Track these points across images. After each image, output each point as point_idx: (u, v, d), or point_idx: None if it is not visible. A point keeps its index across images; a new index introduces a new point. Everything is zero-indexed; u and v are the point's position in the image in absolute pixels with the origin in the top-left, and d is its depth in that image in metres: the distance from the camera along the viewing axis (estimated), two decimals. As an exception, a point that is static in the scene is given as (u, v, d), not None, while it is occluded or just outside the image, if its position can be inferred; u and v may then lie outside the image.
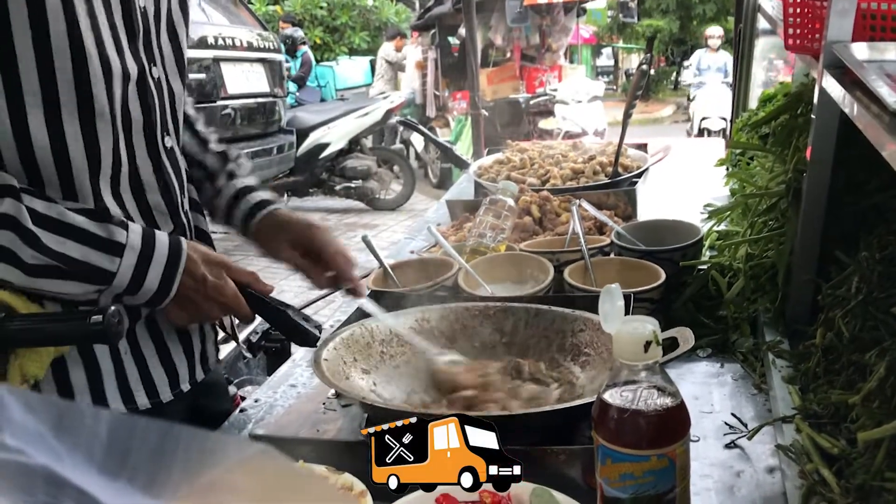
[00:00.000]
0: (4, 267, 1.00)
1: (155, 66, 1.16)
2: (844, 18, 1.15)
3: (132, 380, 1.18)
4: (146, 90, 1.13)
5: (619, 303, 0.86)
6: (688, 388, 1.31)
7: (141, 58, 1.12)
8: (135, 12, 1.10)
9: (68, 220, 1.03)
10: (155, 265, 1.08)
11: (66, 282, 1.03)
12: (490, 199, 1.85)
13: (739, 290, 1.52)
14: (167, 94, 1.20)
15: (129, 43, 1.10)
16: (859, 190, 1.35)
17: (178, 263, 1.10)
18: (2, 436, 0.34)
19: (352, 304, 1.60)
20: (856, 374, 1.08)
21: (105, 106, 1.06)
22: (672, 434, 0.82)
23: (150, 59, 1.14)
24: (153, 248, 1.09)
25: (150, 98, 1.14)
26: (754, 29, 2.83)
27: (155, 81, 1.15)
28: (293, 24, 12.28)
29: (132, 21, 1.10)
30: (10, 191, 0.99)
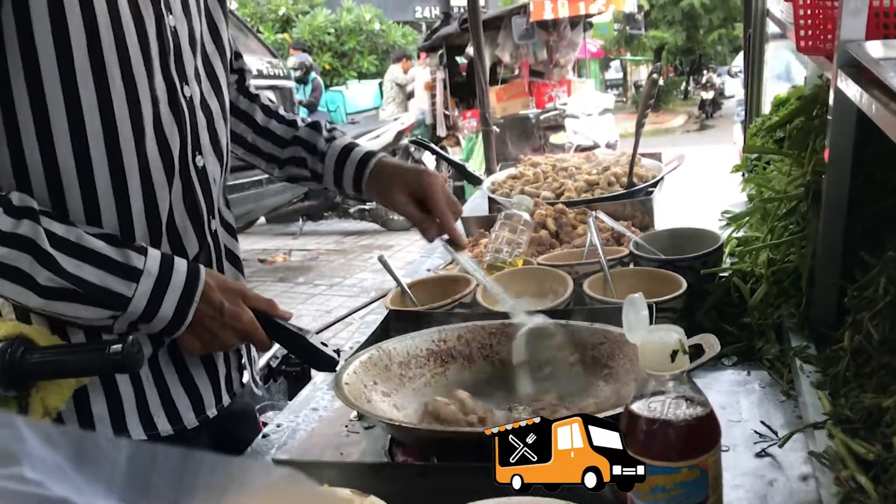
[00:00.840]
0: (19, 289, 1.00)
1: (187, 84, 1.17)
2: (857, 17, 1.14)
3: (153, 406, 1.18)
4: (178, 109, 1.14)
5: (643, 312, 0.84)
6: (715, 397, 1.28)
7: (172, 76, 1.13)
8: (164, 31, 1.11)
9: (86, 243, 1.03)
10: (171, 292, 1.08)
11: (82, 305, 1.03)
12: (505, 214, 1.84)
13: (763, 296, 1.50)
14: (201, 113, 1.21)
15: (161, 62, 1.11)
16: (881, 189, 1.33)
17: (194, 290, 1.09)
18: (21, 469, 0.33)
19: (371, 325, 1.60)
20: (888, 376, 1.05)
21: (128, 127, 1.08)
22: (703, 444, 0.80)
23: (181, 78, 1.15)
24: (170, 275, 1.08)
25: (181, 117, 1.15)
26: (764, 34, 2.82)
27: (187, 100, 1.16)
28: (302, 50, 12.37)
29: (162, 40, 1.11)
30: (30, 213, 1.00)
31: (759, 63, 2.87)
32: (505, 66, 10.74)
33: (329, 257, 8.04)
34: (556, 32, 10.55)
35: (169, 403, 1.20)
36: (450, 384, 1.31)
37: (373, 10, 17.16)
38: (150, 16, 1.09)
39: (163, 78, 1.12)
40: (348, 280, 7.13)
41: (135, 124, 1.09)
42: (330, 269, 7.56)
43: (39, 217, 1.01)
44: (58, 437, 0.34)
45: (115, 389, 1.14)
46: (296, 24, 16.43)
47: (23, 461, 0.33)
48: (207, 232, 1.24)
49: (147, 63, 1.09)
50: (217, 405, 1.28)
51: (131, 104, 1.08)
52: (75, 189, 1.07)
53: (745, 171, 2.38)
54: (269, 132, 1.47)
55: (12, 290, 1.01)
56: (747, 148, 2.26)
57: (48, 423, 0.34)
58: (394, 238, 8.53)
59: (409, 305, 1.62)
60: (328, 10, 16.68)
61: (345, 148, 1.43)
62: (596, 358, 1.27)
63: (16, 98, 1.02)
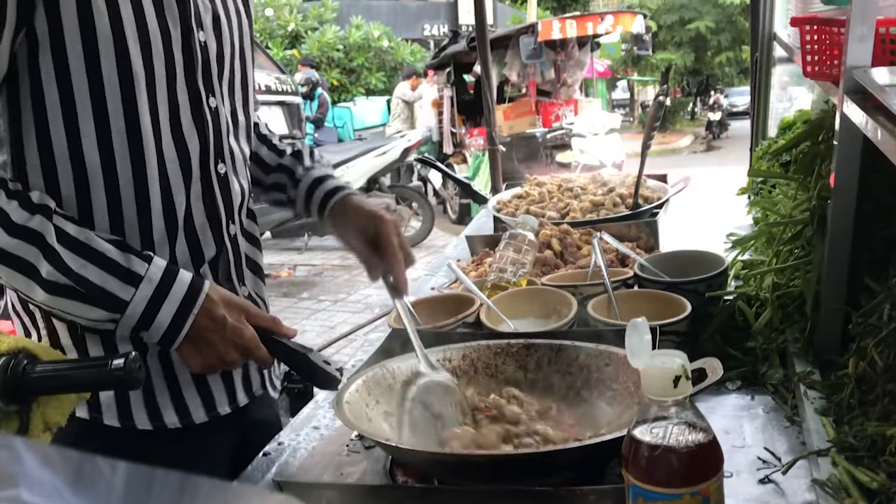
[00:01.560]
0: (25, 280, 1.06)
1: (213, 96, 1.22)
2: (863, 44, 1.14)
3: (160, 397, 1.23)
4: (202, 117, 1.20)
5: (646, 337, 0.84)
6: (718, 422, 1.28)
7: (198, 86, 1.19)
8: (194, 45, 1.18)
9: (94, 244, 1.08)
10: (170, 301, 1.10)
11: (83, 304, 1.07)
12: (510, 233, 1.84)
13: (767, 321, 1.50)
14: (226, 124, 1.26)
15: (186, 73, 1.17)
16: (887, 215, 1.33)
17: (194, 302, 1.11)
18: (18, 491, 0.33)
19: (374, 343, 1.59)
20: (892, 404, 1.05)
21: (150, 131, 1.14)
22: (705, 471, 0.80)
23: (207, 89, 1.21)
24: (171, 284, 1.10)
25: (204, 125, 1.21)
26: (771, 58, 2.83)
27: (211, 110, 1.22)
28: (310, 66, 12.44)
29: (190, 52, 1.17)
30: (44, 210, 1.06)
31: (766, 86, 2.88)
32: (512, 84, 10.79)
33: (334, 273, 8.05)
34: (563, 52, 10.60)
35: (178, 396, 1.24)
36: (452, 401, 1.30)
37: (381, 28, 17.29)
38: (177, 29, 1.15)
39: (186, 87, 1.18)
40: (353, 296, 7.13)
41: (154, 127, 1.15)
42: (335, 285, 7.56)
43: (53, 215, 1.07)
44: (56, 458, 0.33)
45: None
46: (305, 40, 16.55)
47: (20, 483, 0.33)
48: (226, 235, 1.28)
49: (170, 71, 1.15)
50: (231, 404, 1.31)
51: (152, 108, 1.14)
52: (100, 185, 1.13)
53: (751, 193, 2.38)
54: (259, 158, 1.50)
55: (19, 282, 1.06)
56: (753, 171, 2.26)
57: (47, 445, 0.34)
58: (399, 254, 8.52)
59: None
60: (337, 27, 16.80)
61: (317, 179, 1.46)
62: (600, 380, 1.27)
63: (46, 98, 1.09)
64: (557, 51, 10.57)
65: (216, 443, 1.33)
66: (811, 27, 1.38)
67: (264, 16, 16.49)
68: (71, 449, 0.34)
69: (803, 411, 1.23)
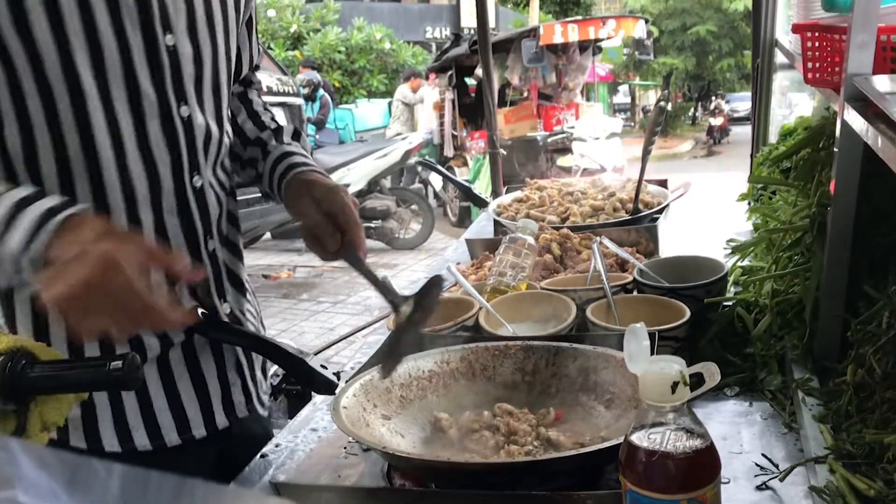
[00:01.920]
0: None
1: (185, 104, 1.15)
2: (864, 51, 1.14)
3: (131, 418, 1.17)
4: (172, 129, 1.14)
5: (644, 343, 0.84)
6: (716, 428, 1.28)
7: (167, 95, 1.12)
8: (161, 50, 1.10)
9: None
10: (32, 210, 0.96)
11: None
12: (510, 237, 1.84)
13: (766, 327, 1.50)
14: (203, 133, 1.20)
15: (153, 80, 1.10)
16: (887, 222, 1.33)
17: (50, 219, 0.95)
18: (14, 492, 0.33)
19: (373, 346, 1.59)
20: (890, 412, 1.05)
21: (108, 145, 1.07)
22: (702, 477, 0.79)
23: (179, 98, 1.14)
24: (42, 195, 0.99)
25: (175, 136, 1.14)
26: (772, 64, 2.83)
27: (184, 120, 1.15)
28: (312, 68, 12.45)
29: (156, 58, 1.10)
30: None
31: (767, 92, 2.88)
32: (514, 88, 10.80)
33: (333, 274, 8.04)
34: (565, 56, 10.61)
35: (149, 416, 1.19)
36: (451, 405, 1.30)
37: (383, 30, 17.31)
38: (137, 34, 1.08)
39: (156, 95, 1.11)
40: (352, 298, 7.13)
41: (115, 141, 1.08)
42: (334, 287, 7.56)
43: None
44: (52, 460, 0.34)
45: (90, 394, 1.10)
46: (307, 41, 16.56)
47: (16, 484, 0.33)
48: (204, 252, 1.23)
49: (130, 81, 1.08)
50: (208, 426, 1.26)
51: (110, 121, 1.07)
52: None
53: (752, 199, 2.38)
54: (242, 133, 1.42)
55: None
56: (753, 178, 2.26)
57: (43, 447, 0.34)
58: (399, 257, 8.53)
59: (411, 327, 1.61)
60: (339, 29, 16.82)
61: (285, 153, 1.36)
62: (598, 383, 1.27)
63: (4, 115, 1.04)
64: (559, 55, 10.57)
65: (190, 467, 1.23)
66: (812, 34, 1.38)
67: (266, 17, 16.50)
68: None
69: (801, 418, 1.23)
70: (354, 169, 8.33)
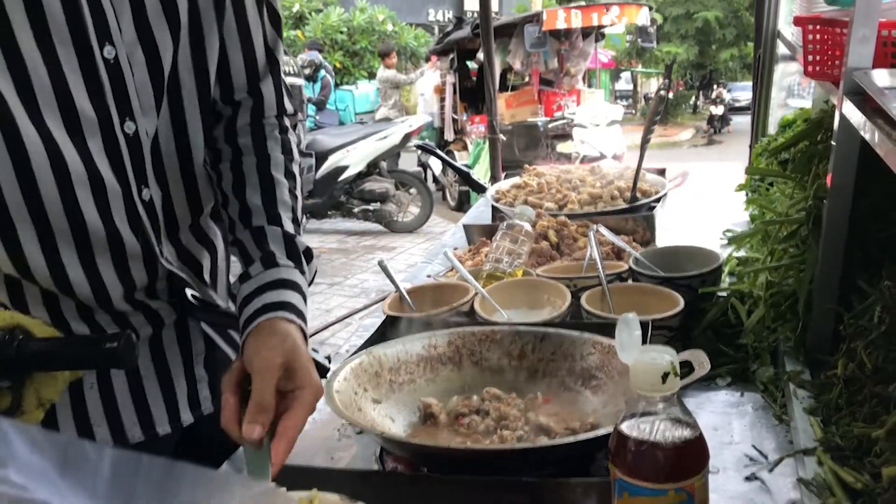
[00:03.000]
0: None
1: (131, 119, 1.06)
2: (865, 46, 1.14)
3: (93, 414, 1.14)
4: (114, 144, 1.05)
5: (636, 332, 0.84)
6: (707, 418, 1.29)
7: (108, 109, 1.04)
8: (98, 63, 1.01)
9: None
10: None
11: None
12: (507, 223, 1.84)
13: (759, 319, 1.50)
14: (149, 146, 1.10)
15: (91, 96, 1.02)
16: (882, 217, 1.33)
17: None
18: (6, 471, 0.33)
19: (368, 329, 1.60)
20: (879, 406, 1.05)
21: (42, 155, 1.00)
22: (690, 467, 0.80)
23: (124, 113, 1.05)
24: None
25: (118, 151, 1.06)
26: (774, 55, 2.82)
27: (128, 137, 1.06)
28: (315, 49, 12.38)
29: (94, 73, 1.01)
30: None
31: (768, 83, 2.88)
32: (515, 73, 10.75)
33: (331, 256, 8.05)
34: (567, 42, 10.56)
35: (112, 411, 1.16)
36: (439, 389, 1.31)
37: (386, 11, 17.22)
38: (69, 48, 0.99)
39: (94, 113, 1.03)
40: (349, 280, 7.14)
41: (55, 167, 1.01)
42: (331, 269, 7.56)
43: None
44: (44, 441, 0.34)
45: None
46: (308, 21, 16.48)
47: (9, 464, 0.33)
48: (160, 260, 1.14)
49: (64, 100, 1.00)
50: (173, 423, 1.22)
51: (48, 146, 1.00)
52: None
53: (749, 190, 2.39)
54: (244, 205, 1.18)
55: None
56: (751, 169, 2.26)
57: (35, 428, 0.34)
58: (397, 240, 8.53)
59: (407, 311, 1.62)
60: (341, 9, 16.74)
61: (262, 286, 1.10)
62: (585, 368, 1.28)
63: None
64: (561, 40, 10.52)
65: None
66: (814, 27, 1.38)
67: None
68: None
69: (792, 410, 1.24)
70: (354, 151, 8.31)
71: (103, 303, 1.13)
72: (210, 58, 1.15)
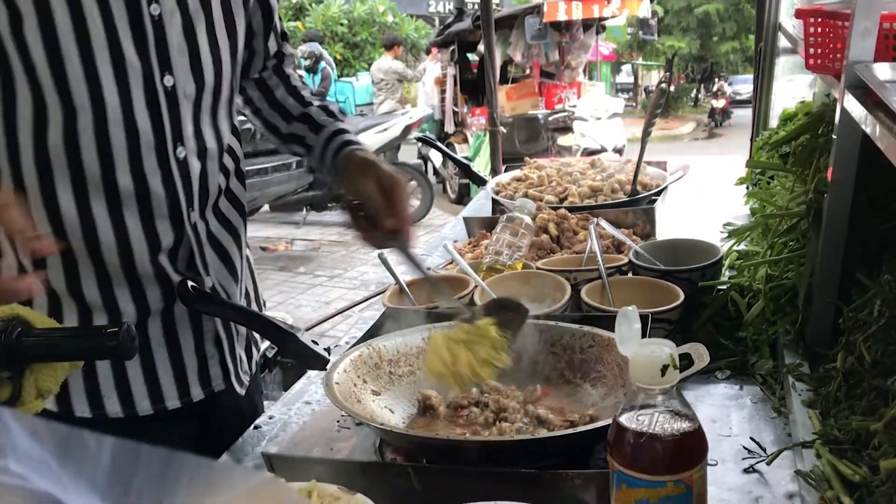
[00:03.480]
0: None
1: (170, 74, 1.15)
2: (866, 39, 1.14)
3: (104, 386, 1.19)
4: (155, 97, 1.14)
5: (635, 326, 0.85)
6: (706, 411, 1.30)
7: (150, 64, 1.13)
8: (145, 20, 1.11)
9: None
10: None
11: None
12: (507, 216, 1.84)
13: (759, 312, 1.50)
14: (186, 102, 1.19)
15: (137, 49, 1.11)
16: (882, 211, 1.33)
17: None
18: (6, 461, 0.33)
19: (368, 321, 1.60)
20: (878, 399, 1.06)
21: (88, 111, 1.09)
22: (689, 460, 0.80)
23: (163, 67, 1.14)
24: None
25: (156, 105, 1.14)
26: (775, 47, 2.82)
27: (167, 90, 1.15)
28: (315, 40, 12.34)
29: (140, 27, 1.11)
30: None
31: (769, 76, 2.87)
32: (516, 65, 10.74)
33: (331, 248, 8.05)
34: (568, 34, 10.54)
35: (123, 384, 1.20)
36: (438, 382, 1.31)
37: (386, 3, 17.16)
38: (120, 3, 1.09)
39: (140, 64, 1.12)
40: (349, 272, 7.14)
41: (96, 110, 1.10)
42: (331, 261, 7.56)
43: None
44: (44, 431, 0.34)
45: None
46: (309, 12, 16.43)
47: (8, 454, 0.33)
48: (187, 223, 1.22)
49: (114, 49, 1.09)
50: (182, 398, 1.27)
51: (92, 89, 1.09)
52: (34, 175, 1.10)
53: (750, 184, 2.38)
54: (283, 108, 1.46)
55: None
56: (751, 163, 2.26)
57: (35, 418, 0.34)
58: (397, 232, 8.52)
59: (407, 303, 1.62)
60: (342, 1, 16.68)
61: (339, 129, 1.40)
62: (584, 361, 1.28)
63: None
64: (562, 32, 10.50)
65: (163, 440, 1.23)
66: (815, 19, 1.38)
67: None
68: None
69: (790, 403, 1.24)
70: (355, 143, 8.29)
71: (126, 264, 1.17)
72: (238, 25, 1.27)
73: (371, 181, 1.24)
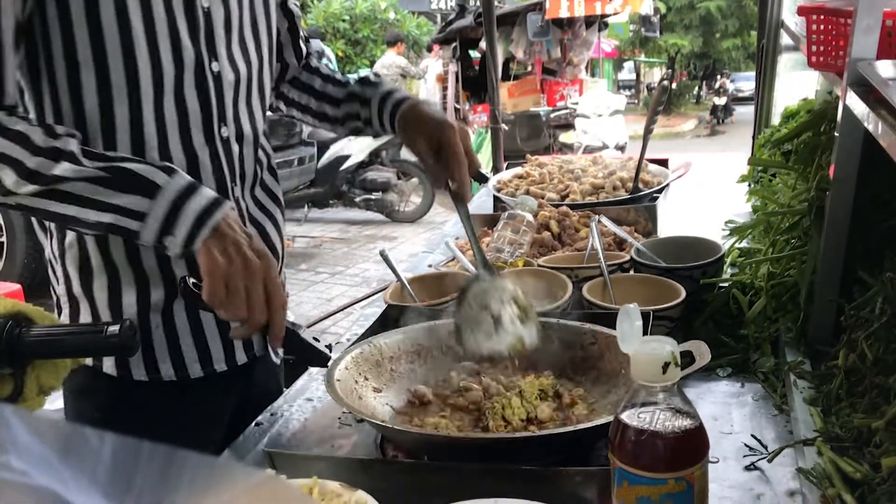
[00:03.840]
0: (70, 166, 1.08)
1: (216, 60, 1.26)
2: (869, 36, 1.14)
3: (159, 351, 1.28)
4: (203, 82, 1.24)
5: (637, 323, 0.84)
6: (707, 408, 1.30)
7: (201, 51, 1.23)
8: (196, 10, 1.22)
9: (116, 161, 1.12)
10: (200, 195, 1.09)
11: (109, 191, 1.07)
12: (509, 213, 1.84)
13: (761, 309, 1.50)
14: (228, 88, 1.29)
15: (190, 36, 1.21)
16: (884, 208, 1.33)
17: (221, 203, 1.10)
18: (7, 457, 0.33)
19: (370, 318, 1.60)
20: (879, 397, 1.06)
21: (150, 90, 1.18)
22: (690, 457, 0.80)
23: (210, 54, 1.25)
24: (200, 185, 1.12)
25: (205, 89, 1.24)
26: (777, 45, 2.81)
27: (214, 74, 1.25)
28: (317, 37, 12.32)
29: (192, 17, 1.21)
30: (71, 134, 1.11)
31: (771, 74, 2.86)
32: (518, 62, 10.73)
33: (333, 246, 8.05)
34: (570, 31, 10.53)
35: (175, 349, 1.30)
36: (439, 378, 1.31)
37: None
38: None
39: (193, 50, 1.22)
40: (351, 269, 7.14)
41: (156, 86, 1.19)
42: (333, 258, 7.57)
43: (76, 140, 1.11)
44: (45, 428, 0.34)
45: None
46: (310, 9, 16.41)
47: (9, 450, 0.33)
48: (230, 197, 1.31)
49: (173, 34, 1.19)
50: (228, 361, 1.36)
51: (154, 68, 1.18)
52: (98, 141, 1.18)
53: (752, 181, 2.38)
54: (328, 96, 1.57)
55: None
56: (753, 160, 2.25)
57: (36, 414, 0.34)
58: (398, 229, 8.53)
59: (408, 300, 1.62)
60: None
61: (386, 92, 1.49)
62: (586, 358, 1.28)
63: (54, 49, 1.13)
64: (564, 29, 10.50)
65: (211, 400, 1.38)
66: (818, 17, 1.37)
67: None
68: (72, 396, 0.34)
69: (792, 400, 1.24)
70: (355, 140, 8.28)
71: None
72: (271, 23, 1.39)
73: (422, 139, 1.36)
